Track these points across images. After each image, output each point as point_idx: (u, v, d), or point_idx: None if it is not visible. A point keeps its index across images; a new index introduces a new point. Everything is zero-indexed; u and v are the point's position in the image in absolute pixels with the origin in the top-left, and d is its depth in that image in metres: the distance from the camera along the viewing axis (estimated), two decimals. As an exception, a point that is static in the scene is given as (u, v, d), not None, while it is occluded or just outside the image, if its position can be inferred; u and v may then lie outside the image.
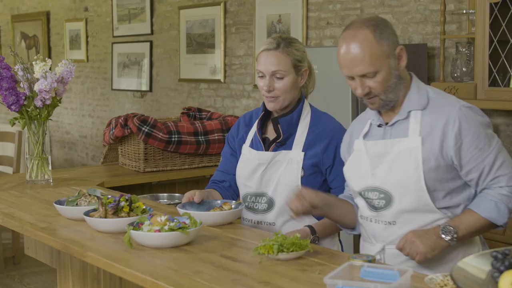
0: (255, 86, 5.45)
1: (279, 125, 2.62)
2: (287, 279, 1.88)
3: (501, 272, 1.40)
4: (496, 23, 3.51)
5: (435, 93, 2.24)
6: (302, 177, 2.57)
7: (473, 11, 3.73)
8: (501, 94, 3.49)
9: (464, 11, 3.88)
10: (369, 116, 2.33)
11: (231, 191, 2.83)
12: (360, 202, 2.31)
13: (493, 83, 3.54)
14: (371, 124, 2.32)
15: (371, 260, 1.97)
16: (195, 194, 2.64)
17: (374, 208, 2.24)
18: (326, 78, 3.77)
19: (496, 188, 2.15)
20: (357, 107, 3.88)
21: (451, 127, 2.13)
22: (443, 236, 2.11)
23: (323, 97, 3.68)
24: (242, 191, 2.73)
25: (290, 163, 2.59)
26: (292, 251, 2.02)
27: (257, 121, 2.71)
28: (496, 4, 3.47)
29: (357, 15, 4.65)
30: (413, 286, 1.76)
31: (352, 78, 2.17)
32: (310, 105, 2.69)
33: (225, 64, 5.77)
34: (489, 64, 3.51)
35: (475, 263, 1.50)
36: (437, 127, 2.15)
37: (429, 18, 4.24)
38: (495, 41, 3.49)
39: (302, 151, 2.59)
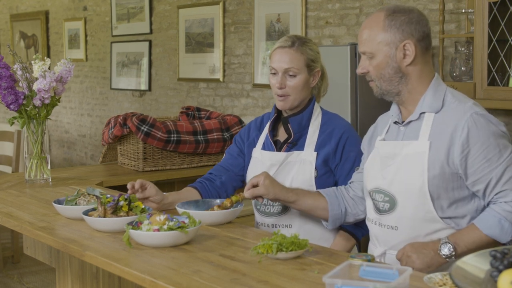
0: (254, 85, 5.45)
1: (289, 125, 2.61)
2: (286, 278, 1.88)
3: (500, 271, 1.40)
4: (495, 23, 3.51)
5: (453, 97, 2.15)
6: (315, 178, 2.56)
7: (472, 10, 3.73)
8: (500, 93, 3.49)
9: (463, 10, 3.87)
10: (392, 112, 2.28)
11: (219, 191, 2.73)
12: (368, 203, 2.29)
13: (492, 82, 3.54)
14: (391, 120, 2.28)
15: (370, 259, 1.96)
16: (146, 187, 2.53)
17: (378, 210, 2.21)
18: (325, 77, 3.77)
19: (502, 204, 2.05)
20: (356, 107, 3.87)
21: (459, 134, 2.05)
22: (441, 252, 2.05)
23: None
24: None
25: (302, 164, 2.57)
26: (291, 250, 2.02)
27: (268, 123, 2.70)
28: (495, 3, 3.47)
29: (356, 14, 4.65)
30: (412, 285, 1.75)
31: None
32: (321, 107, 2.69)
33: (224, 64, 5.76)
34: (488, 64, 3.51)
35: (474, 262, 1.50)
36: (446, 133, 2.07)
37: (428, 17, 4.22)
38: (494, 40, 3.49)
39: (315, 151, 2.58)
